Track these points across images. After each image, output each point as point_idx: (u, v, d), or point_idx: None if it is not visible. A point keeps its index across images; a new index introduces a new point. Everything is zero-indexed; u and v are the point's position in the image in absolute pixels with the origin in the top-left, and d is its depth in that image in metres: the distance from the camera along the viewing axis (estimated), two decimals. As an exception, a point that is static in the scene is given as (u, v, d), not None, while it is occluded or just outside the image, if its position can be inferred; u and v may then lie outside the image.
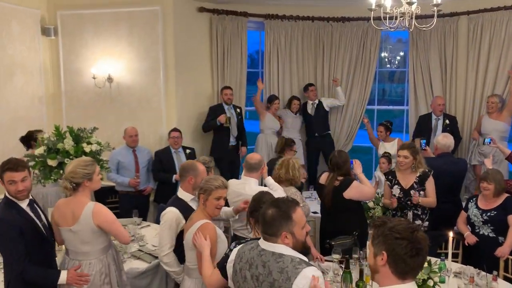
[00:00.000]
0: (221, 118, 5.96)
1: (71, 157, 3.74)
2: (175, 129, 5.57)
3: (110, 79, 5.86)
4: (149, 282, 3.64)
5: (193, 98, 6.30)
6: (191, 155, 5.55)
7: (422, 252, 1.80)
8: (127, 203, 5.23)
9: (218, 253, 2.81)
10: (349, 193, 3.90)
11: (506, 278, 3.56)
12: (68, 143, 3.81)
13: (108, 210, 3.01)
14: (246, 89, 6.85)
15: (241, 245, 2.35)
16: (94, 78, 5.78)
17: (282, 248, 2.14)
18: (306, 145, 6.94)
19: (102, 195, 5.01)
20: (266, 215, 2.17)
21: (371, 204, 4.61)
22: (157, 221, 4.74)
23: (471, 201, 4.14)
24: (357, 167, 4.16)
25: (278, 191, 3.68)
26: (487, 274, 3.21)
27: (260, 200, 2.86)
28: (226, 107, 6.18)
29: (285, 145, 5.37)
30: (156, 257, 3.56)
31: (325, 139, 6.80)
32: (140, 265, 3.60)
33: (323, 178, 4.14)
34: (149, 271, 3.60)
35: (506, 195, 3.98)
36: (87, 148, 3.89)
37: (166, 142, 5.67)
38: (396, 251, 1.76)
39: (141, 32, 5.82)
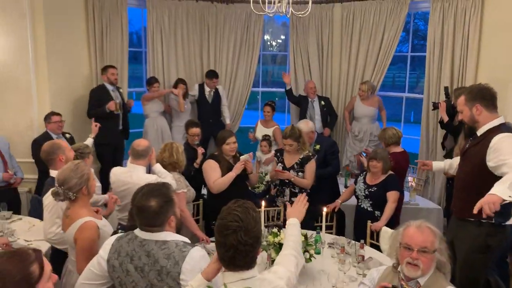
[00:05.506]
0: (111, 106, 5.57)
1: None
2: (54, 113, 4.97)
3: (-35, 56, 5.14)
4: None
5: (68, 78, 5.79)
6: (72, 140, 5.10)
7: None
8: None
9: None
10: None
11: (372, 245, 3.96)
12: None
13: None
14: (128, 69, 6.51)
15: (115, 239, 2.25)
16: None
17: (164, 235, 2.14)
18: None
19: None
20: (151, 208, 2.09)
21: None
22: (32, 214, 4.37)
23: (361, 175, 4.42)
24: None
25: (167, 178, 3.59)
26: (356, 242, 3.56)
27: None
28: (110, 88, 5.81)
29: None
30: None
31: (217, 124, 6.73)
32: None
33: None
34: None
35: (390, 172, 4.25)
36: None
37: (38, 127, 5.17)
38: None
39: (5, 4, 5.14)
